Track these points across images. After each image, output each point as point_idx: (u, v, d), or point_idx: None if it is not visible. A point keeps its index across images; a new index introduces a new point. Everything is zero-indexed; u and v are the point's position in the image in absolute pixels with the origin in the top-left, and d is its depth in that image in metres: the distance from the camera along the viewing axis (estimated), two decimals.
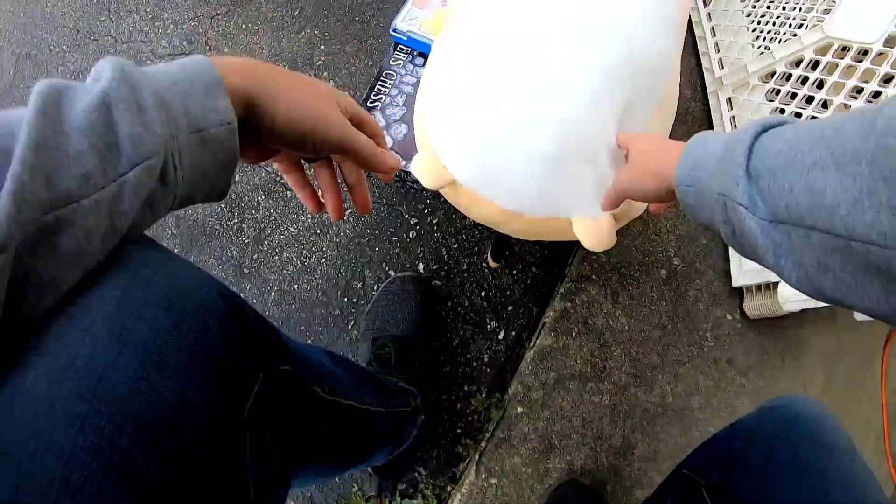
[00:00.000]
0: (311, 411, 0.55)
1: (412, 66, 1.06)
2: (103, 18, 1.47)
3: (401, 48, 1.08)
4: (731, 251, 1.07)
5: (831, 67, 0.91)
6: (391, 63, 1.07)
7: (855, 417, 1.12)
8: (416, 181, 0.77)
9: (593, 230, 0.68)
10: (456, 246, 0.99)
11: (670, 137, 0.76)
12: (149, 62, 1.33)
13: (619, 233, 0.95)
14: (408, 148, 0.98)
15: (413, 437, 0.88)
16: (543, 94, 0.66)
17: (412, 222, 1.01)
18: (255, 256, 1.04)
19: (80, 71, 1.42)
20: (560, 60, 0.66)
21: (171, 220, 1.13)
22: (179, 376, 0.32)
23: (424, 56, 1.05)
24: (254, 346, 0.41)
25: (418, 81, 1.03)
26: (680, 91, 1.15)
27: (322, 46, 1.21)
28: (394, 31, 1.07)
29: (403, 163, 0.92)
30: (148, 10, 1.42)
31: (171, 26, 1.36)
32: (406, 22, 1.06)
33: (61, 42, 1.50)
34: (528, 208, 0.70)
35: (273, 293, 1.01)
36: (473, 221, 0.96)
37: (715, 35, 1.22)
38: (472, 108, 0.70)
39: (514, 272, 0.99)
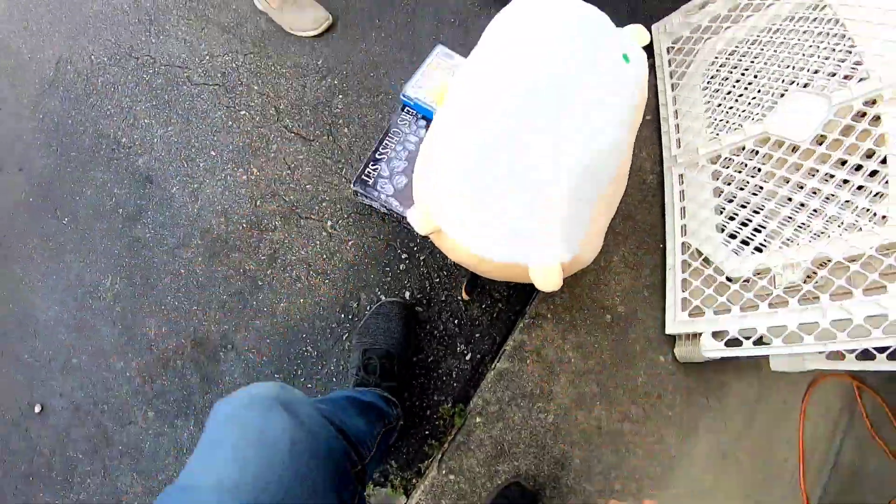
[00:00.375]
0: None
1: (416, 127, 1.26)
2: (143, 38, 1.64)
3: (408, 110, 1.28)
4: (668, 303, 1.27)
5: (767, 158, 1.12)
6: (398, 122, 1.26)
7: (772, 455, 1.30)
8: (410, 225, 0.96)
9: (544, 275, 0.87)
10: (437, 280, 1.19)
11: (625, 202, 0.95)
12: (184, 87, 1.51)
13: (574, 282, 1.15)
14: (406, 197, 1.17)
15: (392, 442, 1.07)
16: (517, 174, 0.85)
17: (403, 257, 1.20)
18: (268, 272, 1.22)
19: (118, 84, 1.58)
20: (533, 146, 0.85)
21: (196, 232, 1.31)
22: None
23: (427, 120, 1.25)
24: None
25: (420, 141, 1.23)
26: (640, 164, 1.37)
27: (340, 96, 1.41)
28: (403, 95, 1.26)
29: (404, 212, 1.12)
30: (187, 37, 1.60)
31: (207, 57, 1.54)
32: (414, 89, 1.26)
33: (102, 54, 1.65)
34: (496, 255, 0.89)
35: (282, 304, 1.20)
36: (453, 261, 1.16)
37: (677, 118, 1.43)
38: (456, 176, 0.89)
39: (483, 306, 1.19)
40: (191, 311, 1.23)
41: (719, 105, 1.33)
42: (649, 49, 1.57)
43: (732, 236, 1.15)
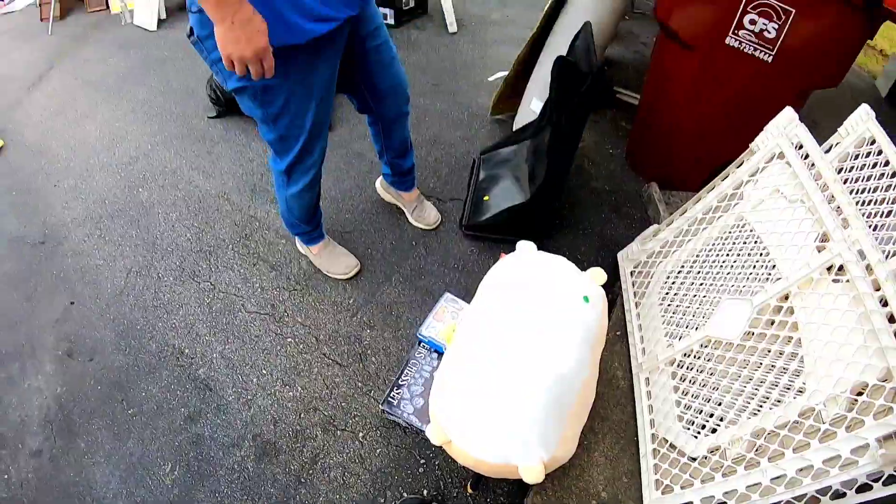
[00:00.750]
0: None
1: (430, 359, 1.69)
2: (204, 266, 2.07)
3: (423, 346, 1.72)
4: (643, 485, 1.55)
5: (709, 356, 1.44)
6: (416, 355, 1.70)
7: None
8: (427, 437, 1.33)
9: (529, 473, 1.19)
10: (449, 480, 1.53)
11: (599, 401, 1.27)
12: (239, 313, 1.91)
13: (563, 474, 1.48)
14: (424, 414, 1.56)
15: None
16: (503, 391, 1.21)
17: (422, 462, 1.55)
18: (310, 471, 1.54)
19: (182, 302, 1.95)
20: (516, 371, 1.21)
21: (249, 434, 1.62)
22: None
23: (439, 353, 1.69)
24: None
25: (434, 370, 1.65)
26: (614, 373, 1.74)
27: (368, 330, 1.84)
28: (419, 334, 1.71)
29: (423, 426, 1.50)
30: (242, 270, 2.04)
31: (259, 290, 1.98)
32: (427, 329, 1.72)
33: (168, 273, 2.05)
34: (491, 458, 1.21)
35: (321, 499, 1.50)
36: (461, 465, 1.50)
37: (640, 330, 1.73)
38: (459, 400, 1.26)
39: (488, 499, 1.51)
40: (242, 500, 1.51)
41: (672, 315, 1.62)
42: (617, 273, 1.98)
43: (691, 422, 1.39)
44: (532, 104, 2.44)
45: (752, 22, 1.97)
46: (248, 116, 2.65)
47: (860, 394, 1.06)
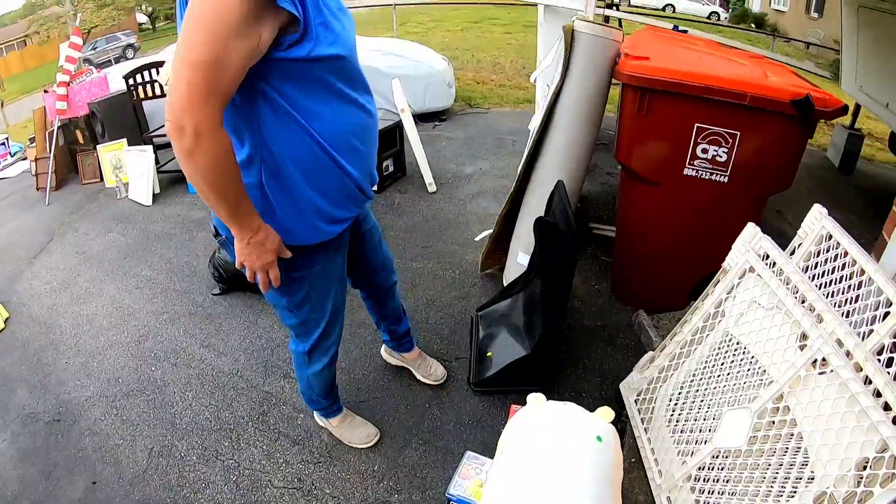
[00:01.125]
0: None
1: None
2: (227, 444, 2.13)
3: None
4: None
5: (721, 465, 1.54)
6: None
7: None
8: None
9: None
10: None
11: None
12: (267, 489, 1.97)
13: None
14: None
15: None
16: None
17: None
18: None
19: (208, 481, 1.98)
20: None
21: None
22: None
23: None
24: None
25: None
26: (636, 499, 1.80)
27: (396, 494, 1.92)
28: (448, 494, 1.81)
29: None
30: (265, 446, 2.11)
31: (284, 465, 2.04)
32: (455, 488, 1.81)
33: (190, 452, 2.10)
34: None
35: None
36: None
37: (654, 453, 1.83)
38: None
39: None
40: None
41: (681, 434, 1.72)
42: (622, 403, 2.10)
43: None
44: (519, 258, 2.70)
45: (704, 151, 2.33)
46: (251, 293, 2.88)
47: (864, 468, 1.17)
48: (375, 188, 4.06)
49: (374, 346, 2.56)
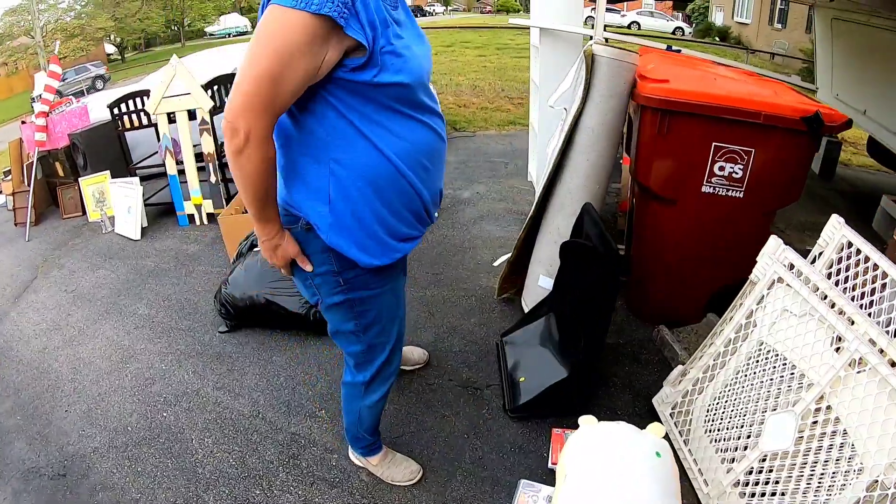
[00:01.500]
0: None
1: None
2: (258, 492, 2.00)
3: None
4: None
5: (769, 467, 1.58)
6: None
7: None
8: None
9: None
10: None
11: None
12: None
13: None
14: None
15: None
16: None
17: None
18: None
19: None
20: None
21: None
22: None
23: None
24: None
25: None
26: None
27: None
28: None
29: None
30: (300, 491, 1.98)
31: None
32: None
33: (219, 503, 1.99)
34: None
35: None
36: None
37: (696, 464, 1.87)
38: None
39: None
40: None
41: (723, 442, 1.79)
42: (656, 417, 2.11)
43: None
44: (541, 281, 2.68)
45: (721, 168, 2.37)
46: (262, 329, 2.77)
47: None
48: None
49: (400, 380, 2.48)
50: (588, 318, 2.11)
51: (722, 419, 1.84)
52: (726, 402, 1.86)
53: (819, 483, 1.44)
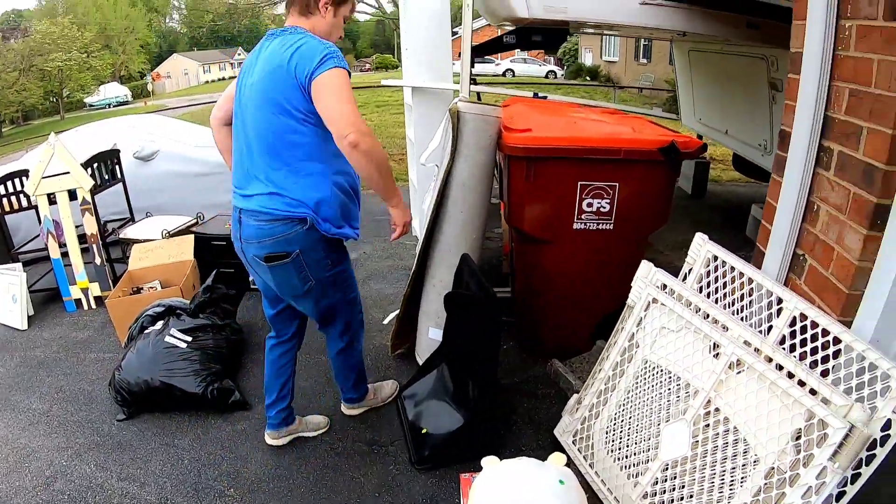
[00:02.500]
0: None
1: None
2: None
3: None
4: None
5: (673, 474, 1.72)
6: None
7: None
8: None
9: None
10: None
11: None
12: None
13: None
14: None
15: None
16: None
17: None
18: None
19: None
20: None
21: None
22: None
23: None
24: None
25: None
26: None
27: None
28: None
29: None
30: None
31: None
32: None
33: None
34: None
35: None
36: None
37: (605, 484, 1.96)
38: None
39: None
40: None
41: (625, 459, 1.90)
42: (560, 447, 2.19)
43: None
44: (431, 333, 2.76)
45: (590, 205, 2.58)
46: (161, 413, 2.69)
47: (798, 438, 1.40)
48: None
49: (304, 448, 2.49)
50: (476, 364, 2.22)
51: (621, 438, 1.96)
52: (622, 421, 1.97)
53: (721, 480, 1.56)
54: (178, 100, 28.14)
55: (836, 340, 1.53)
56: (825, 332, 1.55)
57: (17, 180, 4.17)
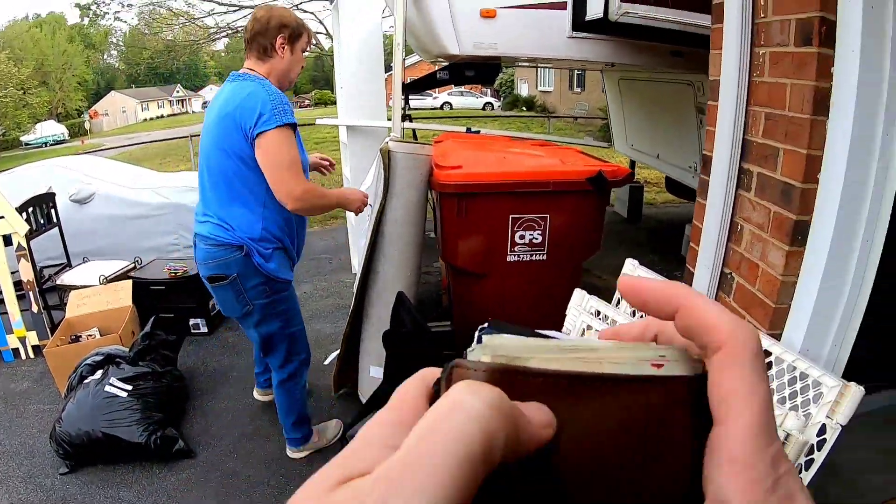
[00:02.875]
0: None
1: None
2: None
3: None
4: None
5: None
6: None
7: None
8: None
9: None
10: None
11: None
12: None
13: None
14: None
15: None
16: None
17: None
18: None
19: None
20: None
21: None
22: None
23: None
24: None
25: None
26: None
27: None
28: None
29: None
30: None
31: None
32: None
33: None
34: None
35: None
36: None
37: None
38: None
39: None
40: None
41: None
42: None
43: None
44: (372, 372, 2.74)
45: (522, 237, 2.62)
46: (104, 465, 2.57)
47: None
48: (205, 328, 3.86)
49: (252, 495, 2.41)
50: None
51: None
52: None
53: None
54: (115, 138, 27.41)
55: (767, 353, 1.59)
56: None
57: None
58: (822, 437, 1.37)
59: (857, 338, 1.59)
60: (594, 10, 3.21)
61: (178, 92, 51.09)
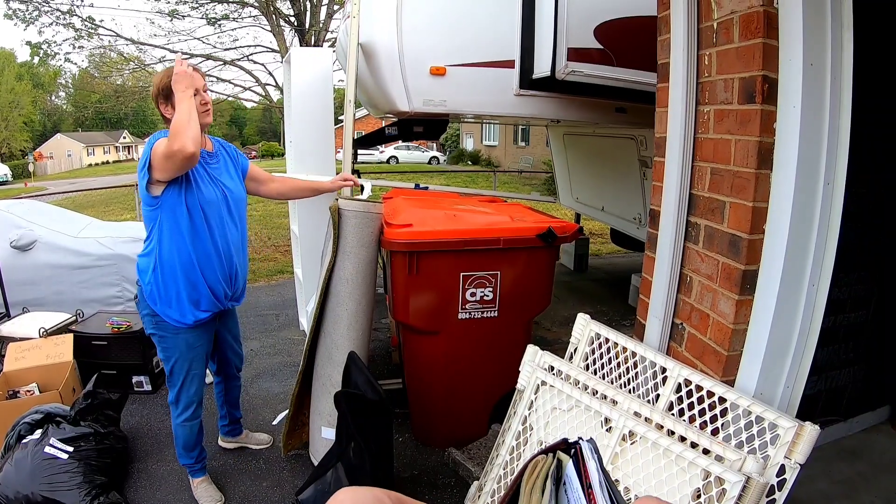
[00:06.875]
0: None
1: None
2: None
3: None
4: None
5: None
6: None
7: None
8: None
9: None
10: None
11: None
12: None
13: None
14: None
15: None
16: None
17: None
18: None
19: None
20: None
21: None
22: None
23: None
24: None
25: None
26: None
27: None
28: None
29: None
30: None
31: None
32: None
33: None
34: None
35: None
36: None
37: None
38: None
39: None
40: None
41: None
42: None
43: None
44: (324, 433, 2.63)
45: (473, 294, 2.62)
46: None
47: (699, 496, 1.45)
48: (149, 387, 3.61)
49: None
50: (371, 461, 2.14)
51: None
52: None
53: None
54: (59, 182, 26.49)
55: (722, 400, 1.62)
56: (710, 394, 1.64)
57: None
58: (781, 478, 1.42)
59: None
60: (541, 68, 3.34)
61: (124, 138, 49.99)
